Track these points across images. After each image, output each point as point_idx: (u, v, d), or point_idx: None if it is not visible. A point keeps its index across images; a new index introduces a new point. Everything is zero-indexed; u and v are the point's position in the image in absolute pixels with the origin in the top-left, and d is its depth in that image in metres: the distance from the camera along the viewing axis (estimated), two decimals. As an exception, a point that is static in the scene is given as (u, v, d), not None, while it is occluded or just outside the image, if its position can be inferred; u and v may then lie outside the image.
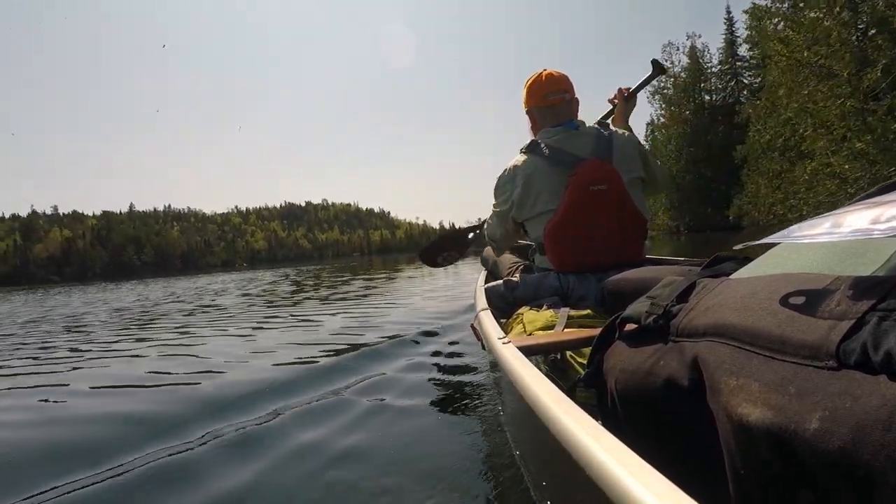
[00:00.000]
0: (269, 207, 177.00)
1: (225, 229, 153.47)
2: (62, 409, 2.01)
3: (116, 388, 2.31)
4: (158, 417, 1.74)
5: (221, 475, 1.25)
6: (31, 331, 5.26)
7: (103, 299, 10.82)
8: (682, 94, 32.63)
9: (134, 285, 19.77)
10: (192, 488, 1.20)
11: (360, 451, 1.36)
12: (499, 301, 1.56)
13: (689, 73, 32.69)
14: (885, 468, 0.29)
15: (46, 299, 13.83)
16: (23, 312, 8.63)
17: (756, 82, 29.69)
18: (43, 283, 70.07)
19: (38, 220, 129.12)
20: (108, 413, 1.88)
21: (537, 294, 1.54)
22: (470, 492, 1.10)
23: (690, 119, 32.02)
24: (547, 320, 1.21)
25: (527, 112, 1.73)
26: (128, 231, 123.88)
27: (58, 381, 2.55)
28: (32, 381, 2.62)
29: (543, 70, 1.69)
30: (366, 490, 1.15)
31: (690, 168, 31.05)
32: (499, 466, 1.20)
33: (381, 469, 1.24)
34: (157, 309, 6.81)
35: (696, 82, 32.64)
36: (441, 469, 1.21)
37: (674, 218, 32.46)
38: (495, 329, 1.07)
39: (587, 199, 1.49)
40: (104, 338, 4.16)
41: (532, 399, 0.61)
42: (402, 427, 1.52)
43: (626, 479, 0.37)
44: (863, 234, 0.37)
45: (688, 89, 32.59)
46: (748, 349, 0.41)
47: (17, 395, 2.34)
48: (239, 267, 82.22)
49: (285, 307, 5.56)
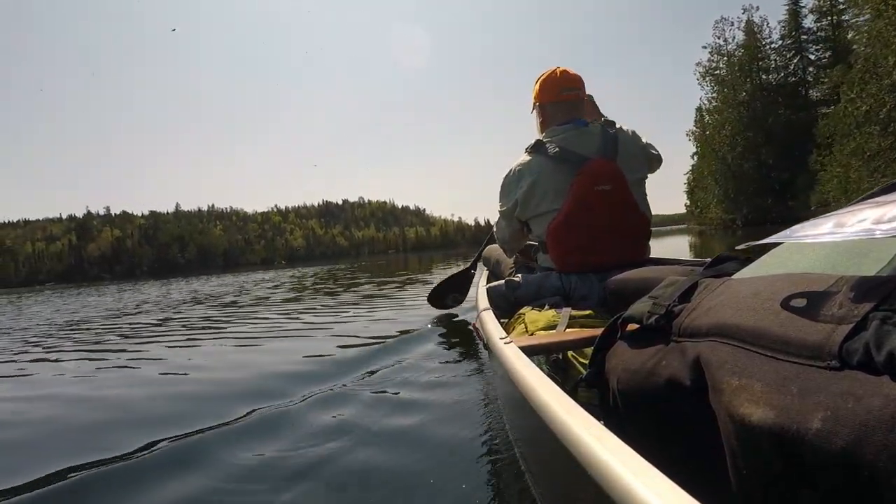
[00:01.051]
0: (307, 206, 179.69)
1: (265, 228, 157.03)
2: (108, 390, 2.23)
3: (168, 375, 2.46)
4: (214, 396, 2.01)
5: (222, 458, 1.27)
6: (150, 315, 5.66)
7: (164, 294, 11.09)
8: (738, 73, 28.59)
9: (187, 282, 19.83)
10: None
11: (358, 448, 1.36)
12: (500, 301, 1.56)
13: (744, 51, 28.58)
14: (888, 469, 0.29)
15: (140, 290, 14.41)
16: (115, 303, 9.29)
17: (825, 57, 26.71)
18: (95, 281, 71.53)
19: (92, 221, 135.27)
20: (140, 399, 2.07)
21: (539, 294, 1.54)
22: (470, 492, 1.10)
23: (747, 101, 28.04)
24: (549, 320, 1.21)
25: (538, 107, 1.73)
26: (173, 230, 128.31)
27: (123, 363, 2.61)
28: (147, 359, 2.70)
29: (557, 67, 1.69)
30: (364, 488, 1.15)
31: (748, 155, 27.33)
32: (500, 466, 1.20)
33: (379, 467, 1.24)
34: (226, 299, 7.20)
35: (752, 60, 28.54)
36: (441, 469, 1.21)
37: (728, 210, 28.48)
38: (497, 329, 1.07)
39: (591, 198, 1.48)
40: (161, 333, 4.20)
41: (534, 399, 0.61)
42: (401, 425, 1.52)
43: (629, 480, 0.37)
44: (865, 234, 0.37)
45: (744, 68, 28.50)
46: (750, 349, 0.41)
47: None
48: (278, 264, 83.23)
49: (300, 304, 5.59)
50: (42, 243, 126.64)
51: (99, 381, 2.50)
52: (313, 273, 16.05)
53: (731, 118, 28.26)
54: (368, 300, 5.42)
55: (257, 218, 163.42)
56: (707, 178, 31.38)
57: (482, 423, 1.48)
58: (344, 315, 4.34)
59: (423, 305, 4.51)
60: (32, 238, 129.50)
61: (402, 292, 6.21)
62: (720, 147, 28.09)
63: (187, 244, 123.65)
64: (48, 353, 3.60)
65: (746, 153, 27.43)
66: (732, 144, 27.86)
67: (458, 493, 1.09)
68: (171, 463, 1.34)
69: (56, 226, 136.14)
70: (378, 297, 5.83)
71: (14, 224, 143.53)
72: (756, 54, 28.61)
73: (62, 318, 6.68)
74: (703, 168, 32.54)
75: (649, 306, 0.59)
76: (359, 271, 14.17)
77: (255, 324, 4.25)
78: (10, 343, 4.39)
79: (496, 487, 1.11)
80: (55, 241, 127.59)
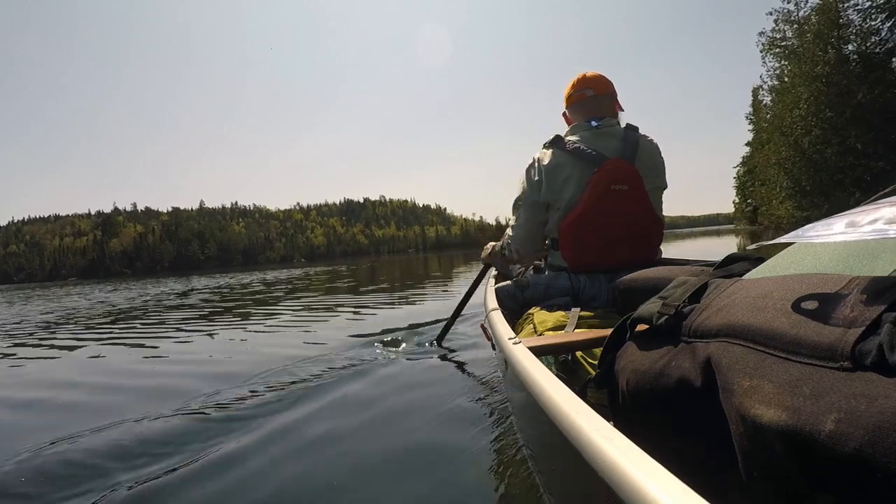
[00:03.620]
0: (328, 204, 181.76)
1: (287, 225, 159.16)
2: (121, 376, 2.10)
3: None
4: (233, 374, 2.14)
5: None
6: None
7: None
8: (814, 42, 22.72)
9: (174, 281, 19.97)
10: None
11: (364, 447, 1.37)
12: (509, 301, 1.56)
13: (821, 17, 22.89)
14: None
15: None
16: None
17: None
18: (116, 277, 72.02)
19: (118, 217, 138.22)
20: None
21: (548, 294, 1.54)
22: (480, 491, 1.10)
23: (827, 74, 22.07)
24: (558, 320, 1.21)
25: (563, 114, 1.76)
26: (193, 226, 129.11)
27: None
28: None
29: (582, 73, 1.70)
30: (373, 486, 1.15)
31: (830, 137, 21.65)
32: (509, 466, 1.20)
33: (388, 465, 1.25)
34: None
35: (832, 27, 22.58)
36: (450, 468, 1.21)
37: (803, 206, 23.12)
38: (506, 329, 1.07)
39: (607, 197, 1.48)
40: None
41: (543, 399, 0.61)
42: (410, 424, 1.53)
43: (639, 481, 0.37)
44: (878, 234, 0.37)
45: (821, 36, 22.66)
46: (762, 350, 0.41)
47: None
48: (297, 262, 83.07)
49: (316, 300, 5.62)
50: (70, 238, 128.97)
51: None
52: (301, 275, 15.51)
53: (807, 96, 22.28)
54: (390, 295, 5.44)
55: (279, 215, 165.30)
56: (770, 168, 25.59)
57: (491, 423, 1.48)
58: (367, 307, 4.36)
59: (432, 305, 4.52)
60: (61, 233, 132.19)
61: (421, 290, 6.20)
62: (792, 130, 22.42)
63: (207, 240, 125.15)
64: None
65: (828, 136, 21.59)
66: (807, 127, 21.98)
67: (468, 493, 1.10)
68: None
69: (84, 221, 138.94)
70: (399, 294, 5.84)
71: (45, 219, 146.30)
72: (836, 19, 22.44)
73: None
74: (764, 158, 26.64)
75: (659, 307, 0.59)
76: (354, 275, 12.75)
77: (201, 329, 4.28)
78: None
79: (506, 488, 1.11)
80: (82, 236, 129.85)
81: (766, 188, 26.77)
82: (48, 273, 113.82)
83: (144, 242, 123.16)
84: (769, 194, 26.16)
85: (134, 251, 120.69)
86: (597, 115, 1.60)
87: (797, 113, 22.47)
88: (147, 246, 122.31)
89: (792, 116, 22.71)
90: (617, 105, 1.69)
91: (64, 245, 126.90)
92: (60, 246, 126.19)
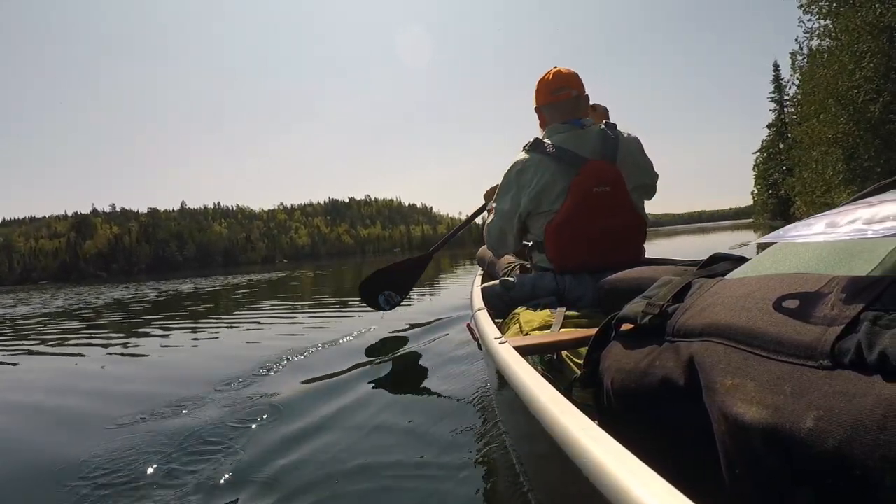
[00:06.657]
0: (313, 203, 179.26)
1: (270, 225, 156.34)
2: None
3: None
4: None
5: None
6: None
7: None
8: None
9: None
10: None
11: (350, 447, 1.36)
12: (495, 301, 1.56)
13: None
14: (880, 467, 0.29)
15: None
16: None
17: None
18: (91, 280, 67.83)
19: (95, 218, 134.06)
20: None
21: (534, 294, 1.54)
22: (464, 491, 1.10)
23: (890, 26, 14.79)
24: (543, 320, 1.21)
25: (536, 111, 1.73)
26: (171, 227, 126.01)
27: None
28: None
29: (552, 69, 1.69)
30: (355, 487, 1.14)
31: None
32: (495, 466, 1.20)
33: (371, 466, 1.24)
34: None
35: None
36: (436, 469, 1.21)
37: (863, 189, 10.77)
38: (492, 329, 1.07)
39: (590, 200, 1.48)
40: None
41: (529, 399, 0.61)
42: (395, 426, 1.52)
43: (623, 480, 0.37)
44: (857, 234, 0.38)
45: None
46: (744, 349, 0.42)
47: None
48: (279, 262, 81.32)
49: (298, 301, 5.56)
50: (45, 240, 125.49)
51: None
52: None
53: (863, 52, 15.61)
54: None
55: (263, 216, 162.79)
56: (819, 147, 18.21)
57: (476, 423, 1.48)
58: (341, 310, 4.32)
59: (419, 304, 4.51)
60: (35, 235, 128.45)
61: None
62: (844, 95, 16.22)
63: (186, 242, 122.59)
64: None
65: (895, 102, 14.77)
66: (862, 93, 15.38)
67: (453, 493, 1.09)
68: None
69: (61, 223, 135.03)
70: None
71: (20, 221, 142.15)
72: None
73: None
74: (811, 134, 18.62)
75: (643, 306, 0.59)
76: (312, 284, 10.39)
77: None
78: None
79: (490, 487, 1.11)
80: (58, 238, 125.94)
81: (809, 172, 20.17)
82: (18, 276, 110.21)
83: (120, 244, 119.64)
84: (816, 180, 19.40)
85: (109, 253, 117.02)
86: (576, 116, 1.61)
87: (856, 78, 15.67)
88: (123, 248, 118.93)
89: (841, 82, 16.17)
90: (589, 103, 1.70)
91: (36, 248, 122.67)
92: (33, 248, 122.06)
